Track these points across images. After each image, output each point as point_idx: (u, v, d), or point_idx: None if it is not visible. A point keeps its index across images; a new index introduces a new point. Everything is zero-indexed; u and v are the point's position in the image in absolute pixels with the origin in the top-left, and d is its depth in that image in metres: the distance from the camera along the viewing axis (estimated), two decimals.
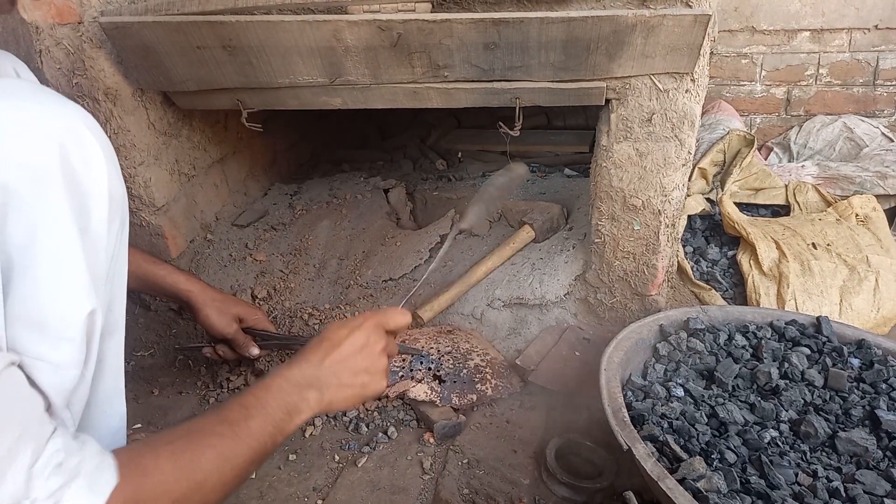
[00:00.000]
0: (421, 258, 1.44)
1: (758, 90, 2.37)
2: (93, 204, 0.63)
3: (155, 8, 1.05)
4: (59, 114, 0.61)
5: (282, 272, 1.45)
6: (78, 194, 0.61)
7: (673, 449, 0.87)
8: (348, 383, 0.83)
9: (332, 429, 1.17)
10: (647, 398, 1.00)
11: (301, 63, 1.07)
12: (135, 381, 1.30)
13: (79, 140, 0.61)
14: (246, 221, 1.56)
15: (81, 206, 0.62)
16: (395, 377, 1.19)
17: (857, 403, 0.98)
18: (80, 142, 0.61)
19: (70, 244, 0.61)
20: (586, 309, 1.36)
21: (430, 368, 1.21)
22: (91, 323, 0.64)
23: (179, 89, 1.17)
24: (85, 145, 0.62)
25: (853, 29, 2.22)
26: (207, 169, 1.50)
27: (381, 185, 1.76)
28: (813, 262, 1.37)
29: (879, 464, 0.88)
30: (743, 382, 1.04)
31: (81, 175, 0.61)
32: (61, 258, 0.60)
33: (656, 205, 1.19)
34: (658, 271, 1.27)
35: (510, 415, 1.18)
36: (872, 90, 2.31)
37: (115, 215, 0.67)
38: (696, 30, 0.97)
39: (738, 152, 1.72)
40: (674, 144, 1.13)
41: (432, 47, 1.01)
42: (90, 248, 0.63)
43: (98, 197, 0.63)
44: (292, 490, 1.04)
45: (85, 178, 0.62)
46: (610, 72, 1.05)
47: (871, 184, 1.72)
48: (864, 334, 1.14)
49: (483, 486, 1.01)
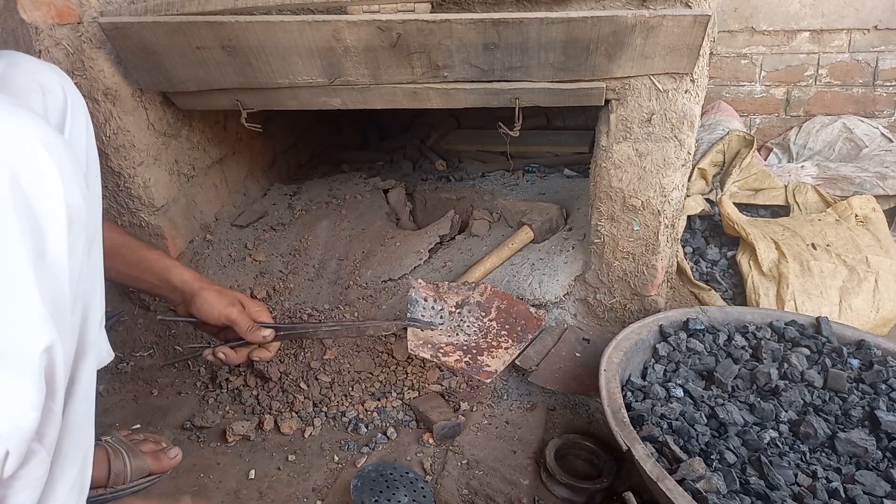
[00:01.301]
0: (420, 258, 1.44)
1: (757, 91, 2.37)
2: (49, 227, 0.59)
3: (154, 8, 1.04)
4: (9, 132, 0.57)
5: (281, 272, 1.45)
6: (30, 218, 0.57)
7: (672, 449, 0.87)
8: None
9: (332, 429, 1.17)
10: (647, 399, 1.00)
11: (300, 63, 1.07)
12: (134, 382, 1.30)
13: (31, 159, 0.57)
14: (245, 222, 1.56)
15: (35, 231, 0.57)
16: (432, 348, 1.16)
17: (856, 404, 0.98)
18: (33, 161, 0.57)
19: (20, 274, 0.56)
20: (586, 309, 1.36)
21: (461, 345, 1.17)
22: (49, 358, 0.60)
23: (179, 90, 1.17)
24: (39, 164, 0.57)
25: (853, 29, 2.22)
26: (207, 169, 1.50)
27: (381, 185, 1.76)
28: (812, 262, 1.37)
29: (879, 464, 0.88)
30: (742, 383, 1.04)
31: (34, 197, 0.57)
32: (9, 291, 0.56)
33: (656, 205, 1.19)
34: (657, 272, 1.27)
35: (510, 415, 1.18)
36: (872, 91, 2.31)
37: (78, 234, 0.63)
38: (695, 30, 0.97)
39: (737, 153, 1.72)
40: (673, 145, 1.13)
41: (432, 48, 1.01)
42: (47, 276, 0.59)
43: (54, 219, 0.59)
44: (292, 490, 1.04)
45: (38, 201, 0.57)
46: (609, 72, 1.05)
47: (871, 184, 1.72)
48: (863, 335, 1.14)
49: (482, 486, 1.01)
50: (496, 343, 1.20)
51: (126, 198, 1.26)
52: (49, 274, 0.59)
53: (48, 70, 0.88)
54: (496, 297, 1.27)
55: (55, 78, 0.87)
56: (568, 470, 1.03)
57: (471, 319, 1.23)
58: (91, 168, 0.94)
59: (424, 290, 1.24)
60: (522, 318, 1.25)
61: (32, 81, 0.85)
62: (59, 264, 0.60)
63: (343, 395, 1.21)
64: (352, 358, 1.24)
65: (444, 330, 1.19)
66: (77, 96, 0.90)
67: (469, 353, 1.14)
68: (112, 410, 1.22)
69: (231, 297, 1.07)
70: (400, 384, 1.23)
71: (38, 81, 0.85)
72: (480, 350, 1.16)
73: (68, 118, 0.88)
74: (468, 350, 1.15)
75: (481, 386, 1.23)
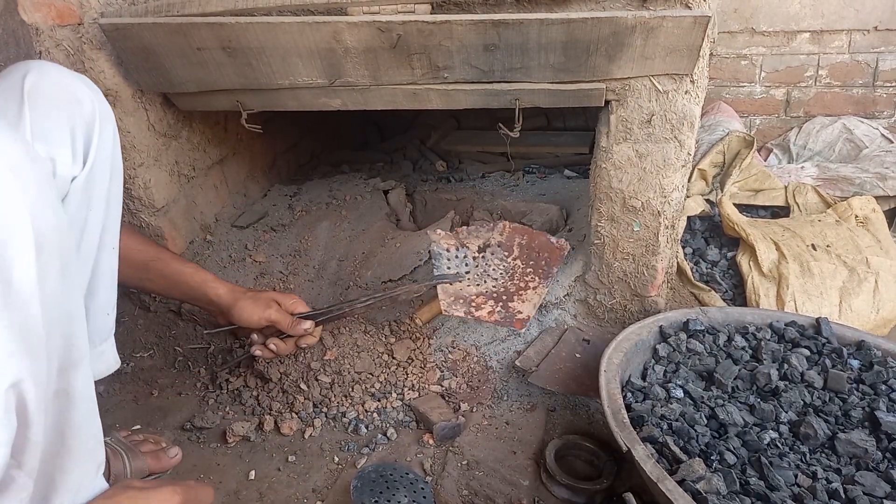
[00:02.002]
0: (420, 259, 1.44)
1: (757, 91, 2.37)
2: (13, 253, 0.56)
3: (155, 9, 1.05)
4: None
5: (281, 273, 1.45)
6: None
7: (672, 450, 0.87)
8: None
9: (332, 430, 1.17)
10: (647, 399, 1.00)
11: (301, 64, 1.07)
12: (134, 383, 1.30)
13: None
14: (245, 223, 1.56)
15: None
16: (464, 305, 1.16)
17: (856, 405, 0.98)
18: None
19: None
20: (586, 310, 1.36)
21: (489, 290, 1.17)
22: (18, 393, 0.58)
23: (179, 91, 1.17)
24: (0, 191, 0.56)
25: (853, 30, 2.23)
26: (207, 170, 1.50)
27: (381, 186, 1.76)
28: (812, 263, 1.37)
29: (879, 465, 0.88)
30: (742, 384, 1.04)
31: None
32: None
33: (656, 206, 1.19)
34: (657, 272, 1.27)
35: (510, 416, 1.18)
36: (872, 91, 2.31)
37: (49, 258, 0.61)
38: (695, 31, 0.97)
39: (737, 153, 1.72)
40: (673, 146, 1.13)
41: (432, 49, 1.01)
42: (14, 305, 0.57)
43: (19, 245, 0.57)
44: (292, 491, 1.04)
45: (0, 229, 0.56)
46: (609, 73, 1.05)
47: (871, 185, 1.72)
48: (863, 335, 1.14)
49: (483, 487, 1.01)
50: (523, 284, 1.19)
51: (126, 199, 1.26)
52: (16, 303, 0.57)
53: (78, 81, 0.89)
54: (516, 234, 1.25)
55: (84, 89, 0.90)
56: (568, 471, 1.03)
57: (495, 262, 1.22)
58: (115, 178, 0.98)
59: (445, 241, 1.24)
60: (545, 250, 1.24)
61: (62, 92, 0.87)
62: (25, 293, 0.58)
63: (343, 395, 1.21)
64: (352, 358, 1.24)
65: (472, 279, 1.19)
66: (105, 107, 0.93)
67: (500, 301, 1.13)
68: (112, 411, 1.22)
69: (265, 300, 1.14)
70: (400, 385, 1.23)
71: (68, 92, 0.87)
72: (510, 295, 1.15)
73: (96, 129, 0.91)
74: (498, 298, 1.14)
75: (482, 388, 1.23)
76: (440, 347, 1.30)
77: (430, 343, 1.31)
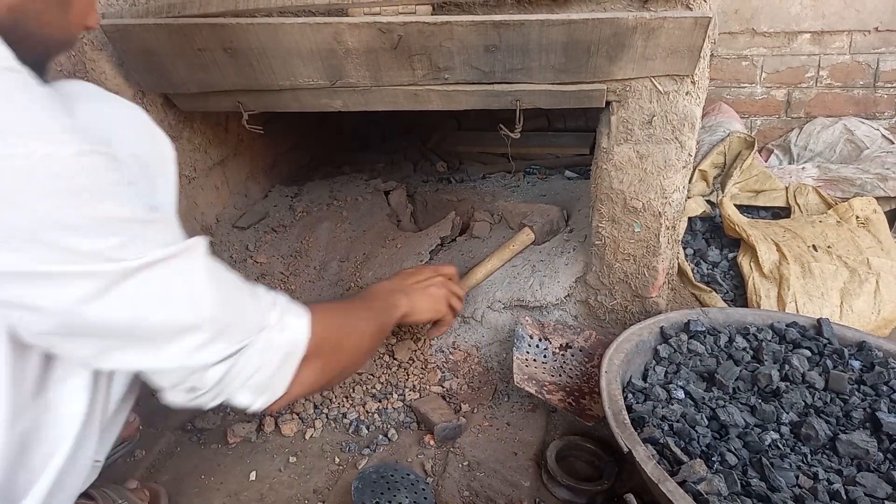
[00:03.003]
0: (421, 260, 1.45)
1: (758, 92, 2.37)
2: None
3: (156, 10, 1.05)
4: None
5: (282, 274, 1.45)
6: None
7: (673, 451, 0.87)
8: (427, 295, 1.08)
9: (333, 431, 1.17)
10: (648, 400, 1.00)
11: (302, 65, 1.07)
12: None
13: None
14: (246, 223, 1.56)
15: None
16: None
17: (857, 406, 0.98)
18: None
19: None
20: (587, 311, 1.36)
21: None
22: None
23: (180, 91, 1.17)
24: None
25: (853, 31, 2.23)
26: (208, 171, 1.50)
27: (382, 187, 1.76)
28: (813, 264, 1.37)
29: (880, 466, 0.88)
30: (743, 385, 1.04)
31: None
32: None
33: (657, 207, 1.19)
34: (658, 273, 1.27)
35: (511, 417, 1.18)
36: (873, 92, 2.31)
37: None
38: (696, 32, 0.97)
39: (738, 154, 1.72)
40: (674, 146, 1.13)
41: (433, 50, 1.01)
42: None
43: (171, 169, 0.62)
44: (293, 492, 1.04)
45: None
46: (610, 74, 1.05)
47: (872, 186, 1.72)
48: (864, 336, 1.14)
49: (483, 488, 1.01)
50: (598, 389, 1.21)
51: None
52: None
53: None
54: (600, 345, 1.28)
55: None
56: (569, 471, 1.03)
57: (574, 363, 1.24)
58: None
59: (531, 328, 1.28)
60: None
61: None
62: None
63: (344, 396, 1.21)
64: None
65: (548, 370, 1.21)
66: None
67: (571, 396, 1.16)
68: None
69: None
70: (401, 386, 1.23)
71: None
72: (583, 393, 1.17)
73: None
74: (570, 392, 1.17)
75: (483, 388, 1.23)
76: (441, 348, 1.30)
77: (431, 344, 1.31)
